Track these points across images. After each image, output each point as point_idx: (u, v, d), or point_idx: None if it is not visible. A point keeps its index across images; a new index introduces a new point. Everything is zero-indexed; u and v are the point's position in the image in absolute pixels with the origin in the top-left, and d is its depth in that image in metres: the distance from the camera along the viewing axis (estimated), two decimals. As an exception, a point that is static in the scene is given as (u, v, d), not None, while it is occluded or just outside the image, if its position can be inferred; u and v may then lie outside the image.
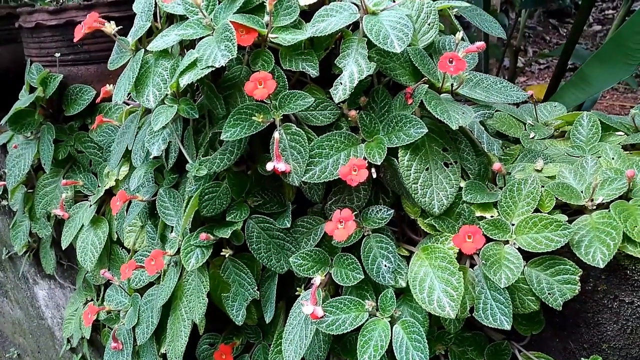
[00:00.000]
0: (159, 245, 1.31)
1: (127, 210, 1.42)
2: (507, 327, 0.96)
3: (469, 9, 1.34)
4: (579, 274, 0.96)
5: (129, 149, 1.27)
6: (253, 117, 1.00)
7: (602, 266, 0.93)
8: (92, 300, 1.75)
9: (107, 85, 1.31)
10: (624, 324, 0.99)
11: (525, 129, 1.32)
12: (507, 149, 1.23)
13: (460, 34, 1.10)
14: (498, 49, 3.42)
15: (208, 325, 1.32)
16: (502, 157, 1.20)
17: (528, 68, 4.90)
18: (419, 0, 1.12)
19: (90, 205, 1.58)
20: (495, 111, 1.34)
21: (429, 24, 1.11)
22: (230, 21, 0.97)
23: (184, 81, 0.97)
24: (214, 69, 0.96)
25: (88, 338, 1.75)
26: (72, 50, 1.59)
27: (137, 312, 1.38)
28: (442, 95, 1.09)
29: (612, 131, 1.23)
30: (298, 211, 1.18)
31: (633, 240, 0.94)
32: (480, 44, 1.07)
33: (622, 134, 1.22)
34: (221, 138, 1.00)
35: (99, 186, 1.61)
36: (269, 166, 1.01)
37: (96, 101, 1.48)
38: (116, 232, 1.54)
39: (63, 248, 1.60)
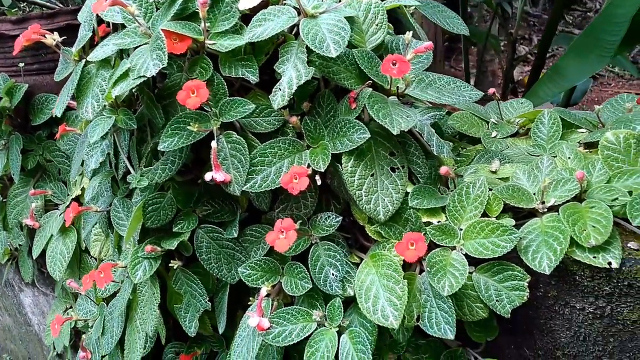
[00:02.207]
0: (116, 256, 1.30)
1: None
2: (451, 336, 0.93)
3: (429, 6, 1.30)
4: (527, 280, 0.93)
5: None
6: (189, 127, 0.98)
7: (548, 272, 0.89)
8: (71, 307, 1.75)
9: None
10: (577, 331, 0.96)
11: (488, 128, 1.28)
12: (464, 149, 1.19)
13: (409, 34, 1.07)
14: (496, 40, 3.36)
15: (176, 333, 1.31)
16: (458, 158, 1.16)
17: (531, 57, 4.81)
18: (366, 0, 1.09)
19: (60, 214, 1.57)
20: (457, 111, 1.30)
21: (377, 25, 1.08)
22: (162, 29, 0.95)
23: (116, 92, 0.95)
24: (145, 78, 0.94)
25: (68, 345, 1.75)
26: (37, 59, 1.57)
27: (103, 321, 1.37)
28: (390, 98, 1.05)
29: (575, 128, 1.19)
30: (252, 219, 1.16)
31: (581, 245, 0.90)
32: (428, 44, 1.04)
33: (585, 131, 1.17)
34: (159, 148, 0.98)
35: (68, 195, 1.61)
36: (208, 176, 0.99)
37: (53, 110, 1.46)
38: (84, 241, 1.54)
39: (34, 258, 1.60)
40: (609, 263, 0.88)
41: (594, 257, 0.89)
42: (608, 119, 1.20)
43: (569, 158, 1.07)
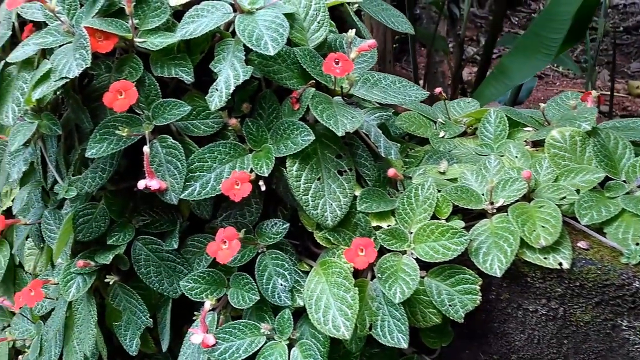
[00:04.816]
0: (50, 271, 1.21)
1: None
2: (404, 345, 0.90)
3: (374, 4, 1.27)
4: (479, 283, 0.90)
5: (10, 168, 1.16)
6: (118, 131, 0.91)
7: (499, 275, 0.87)
8: (9, 325, 1.64)
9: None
10: (531, 334, 0.94)
11: (436, 128, 1.26)
12: (412, 150, 1.16)
13: (352, 32, 1.03)
14: (444, 41, 3.38)
15: (121, 352, 1.23)
16: (407, 159, 1.13)
17: (479, 57, 4.90)
18: (307, -4, 1.05)
19: (-10, 228, 1.46)
20: (404, 110, 1.27)
21: (318, 22, 1.04)
22: (85, 27, 0.88)
23: (37, 95, 0.87)
24: (68, 80, 0.86)
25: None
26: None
27: (40, 341, 1.28)
28: (335, 98, 1.01)
29: (521, 127, 1.18)
30: (194, 228, 1.09)
31: (531, 246, 0.88)
32: (371, 41, 1.00)
33: (532, 129, 1.17)
34: (86, 155, 0.91)
35: (0, 206, 1.50)
36: (141, 184, 0.92)
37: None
38: (17, 256, 1.44)
39: (-37, 275, 1.48)
40: (560, 264, 0.86)
41: (545, 258, 0.87)
42: (553, 116, 1.20)
43: (516, 157, 1.05)
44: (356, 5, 1.20)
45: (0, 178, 1.28)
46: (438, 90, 1.23)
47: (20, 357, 1.41)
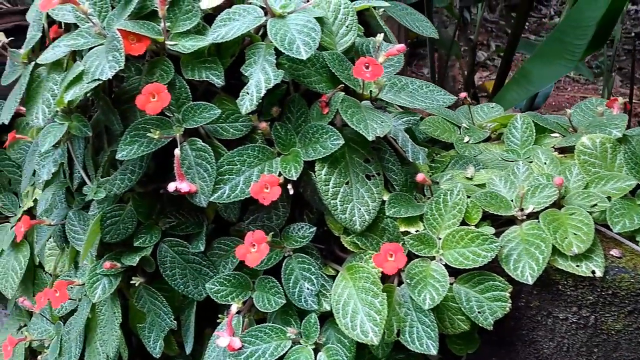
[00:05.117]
0: (72, 272, 1.21)
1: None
2: (434, 352, 0.89)
3: (399, 8, 1.26)
4: (509, 291, 0.90)
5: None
6: (150, 134, 0.91)
7: (531, 282, 0.86)
8: (25, 325, 1.65)
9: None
10: (560, 342, 0.93)
11: (460, 133, 1.25)
12: (438, 155, 1.16)
13: (381, 36, 1.03)
14: (457, 45, 3.38)
15: (139, 353, 1.23)
16: (432, 164, 1.13)
17: (490, 62, 4.89)
18: (335, 1, 1.04)
19: (11, 228, 1.47)
20: (429, 115, 1.27)
21: (347, 26, 1.04)
22: (119, 29, 0.88)
23: (69, 96, 0.87)
24: (101, 82, 0.86)
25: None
26: (-18, 63, 1.47)
27: (60, 342, 1.28)
28: (363, 102, 1.01)
29: (548, 132, 1.17)
30: (220, 231, 1.09)
31: (563, 254, 0.87)
32: (400, 46, 1.00)
33: (558, 135, 1.16)
34: (117, 157, 0.91)
35: (20, 206, 1.51)
36: (171, 187, 0.92)
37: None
38: (37, 256, 1.44)
39: (-17, 274, 1.48)
40: (593, 272, 0.85)
41: (577, 266, 0.86)
42: (579, 123, 1.19)
43: (545, 163, 1.05)
44: (382, 9, 1.20)
45: (24, 178, 1.29)
46: (463, 95, 1.23)
47: (39, 357, 1.41)
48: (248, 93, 0.92)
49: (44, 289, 1.23)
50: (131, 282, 1.06)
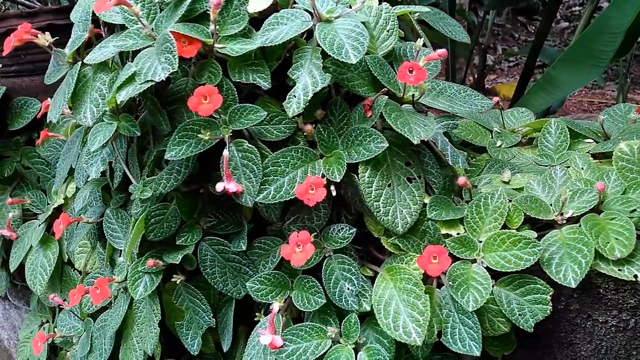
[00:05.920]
0: (108, 269, 1.23)
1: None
2: (477, 352, 0.90)
3: (432, 13, 1.28)
4: (550, 293, 0.91)
5: (73, 167, 1.18)
6: (199, 135, 0.92)
7: (574, 286, 0.88)
8: (47, 321, 1.66)
9: (50, 98, 1.22)
10: (598, 344, 0.94)
11: (492, 137, 1.27)
12: (473, 159, 1.17)
13: (421, 41, 1.04)
14: (466, 48, 3.40)
15: (168, 350, 1.24)
16: (468, 168, 1.14)
17: (498, 66, 4.90)
18: (376, 6, 1.06)
19: (39, 225, 1.48)
20: (461, 119, 1.28)
21: (388, 31, 1.05)
22: (171, 31, 0.89)
23: (122, 97, 0.89)
24: (153, 83, 0.88)
25: (44, 362, 1.65)
26: (15, 60, 1.48)
27: (90, 338, 1.29)
28: (403, 105, 1.03)
29: (581, 138, 1.19)
30: (257, 230, 1.11)
31: (605, 258, 0.89)
32: (442, 51, 1.01)
33: (591, 141, 1.18)
34: (166, 157, 0.92)
35: (48, 204, 1.52)
36: (219, 187, 0.94)
37: (37, 115, 1.38)
38: (67, 254, 1.45)
39: (12, 270, 1.50)
40: (635, 276, 0.87)
41: (619, 270, 0.88)
42: (610, 129, 1.21)
43: (582, 168, 1.06)
44: (417, 14, 1.21)
45: (58, 176, 1.30)
46: (496, 99, 1.24)
47: (68, 353, 1.42)
48: (295, 96, 0.94)
49: (77, 285, 1.24)
50: (172, 279, 1.07)
